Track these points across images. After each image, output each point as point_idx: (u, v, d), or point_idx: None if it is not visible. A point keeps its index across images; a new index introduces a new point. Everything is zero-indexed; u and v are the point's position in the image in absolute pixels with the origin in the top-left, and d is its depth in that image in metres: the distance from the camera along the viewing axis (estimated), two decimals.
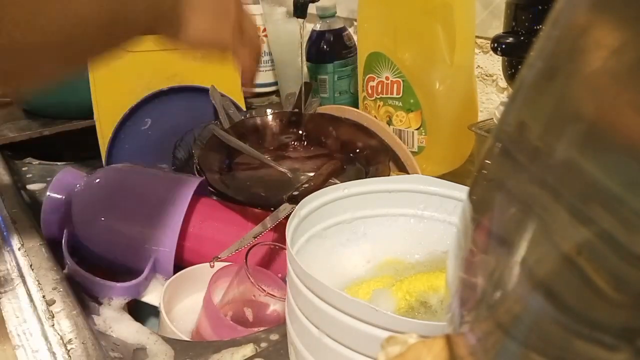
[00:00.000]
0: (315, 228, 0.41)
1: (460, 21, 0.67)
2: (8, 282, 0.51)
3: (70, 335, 0.44)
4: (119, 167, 0.62)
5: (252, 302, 0.49)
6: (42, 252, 0.55)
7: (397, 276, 0.41)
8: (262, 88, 1.06)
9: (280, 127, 0.74)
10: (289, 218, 0.38)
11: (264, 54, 1.04)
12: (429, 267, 0.42)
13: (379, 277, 0.42)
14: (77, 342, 0.43)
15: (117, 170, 0.61)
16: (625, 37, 0.13)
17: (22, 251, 0.55)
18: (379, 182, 0.44)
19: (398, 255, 0.43)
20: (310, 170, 0.67)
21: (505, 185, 0.17)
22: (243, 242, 0.50)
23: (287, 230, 0.37)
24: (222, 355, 0.44)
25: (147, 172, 0.61)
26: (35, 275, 0.51)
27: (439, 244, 0.43)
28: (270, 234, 0.58)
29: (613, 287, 0.13)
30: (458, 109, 0.71)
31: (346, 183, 0.43)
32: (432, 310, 0.37)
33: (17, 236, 0.57)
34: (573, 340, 0.14)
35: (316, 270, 0.34)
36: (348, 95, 0.88)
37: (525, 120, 0.17)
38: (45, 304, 0.47)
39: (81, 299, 0.50)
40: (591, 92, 0.14)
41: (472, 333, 0.19)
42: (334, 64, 0.85)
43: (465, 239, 0.20)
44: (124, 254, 0.55)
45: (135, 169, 0.61)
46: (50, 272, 0.52)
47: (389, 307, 0.37)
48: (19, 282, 0.51)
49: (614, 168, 0.13)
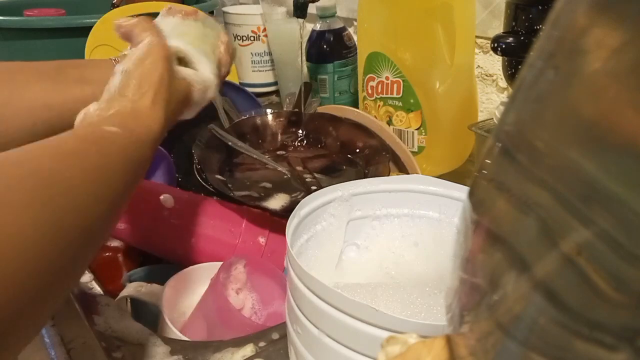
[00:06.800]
0: (315, 228, 0.41)
1: (460, 21, 0.67)
2: None
3: (70, 335, 0.44)
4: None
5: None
6: None
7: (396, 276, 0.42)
8: (262, 88, 1.06)
9: (280, 127, 0.74)
10: (289, 218, 0.38)
11: (264, 53, 1.04)
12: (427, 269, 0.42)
13: (378, 277, 0.42)
14: (77, 342, 0.43)
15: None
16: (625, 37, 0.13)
17: None
18: (378, 182, 0.44)
19: (398, 256, 0.43)
20: (310, 170, 0.67)
21: (505, 185, 0.17)
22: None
23: (287, 230, 0.37)
24: (222, 355, 0.44)
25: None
26: None
27: (439, 244, 0.43)
28: (270, 234, 0.58)
29: (613, 287, 0.13)
30: (458, 109, 0.71)
31: (346, 183, 0.43)
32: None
33: None
34: (573, 340, 0.14)
35: (316, 270, 0.34)
36: (348, 95, 0.88)
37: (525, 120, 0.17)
38: None
39: (81, 299, 0.50)
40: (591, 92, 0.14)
41: (472, 333, 0.19)
42: (334, 64, 0.85)
43: (465, 239, 0.20)
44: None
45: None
46: None
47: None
48: None
49: (614, 168, 0.13)
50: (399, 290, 0.37)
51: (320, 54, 0.86)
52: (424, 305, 0.36)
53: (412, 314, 0.35)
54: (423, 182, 0.43)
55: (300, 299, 0.34)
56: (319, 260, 0.41)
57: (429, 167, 0.72)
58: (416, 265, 0.42)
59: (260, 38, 1.03)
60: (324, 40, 0.85)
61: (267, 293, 0.53)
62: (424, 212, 0.44)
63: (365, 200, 0.43)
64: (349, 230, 0.43)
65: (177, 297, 0.54)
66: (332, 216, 0.42)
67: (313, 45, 0.86)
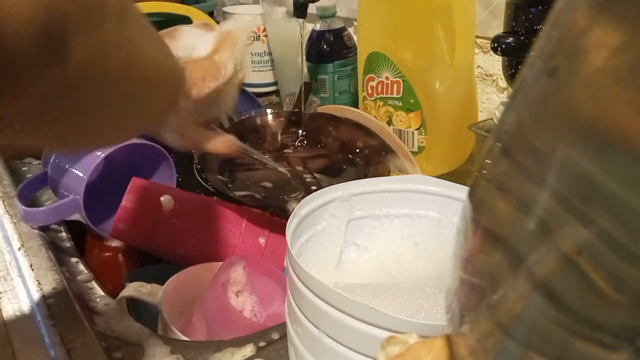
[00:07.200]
0: (315, 228, 0.41)
1: (460, 21, 0.67)
2: (8, 282, 0.51)
3: (70, 335, 0.44)
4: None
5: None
6: (42, 252, 0.55)
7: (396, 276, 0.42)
8: (262, 88, 1.06)
9: (280, 127, 0.74)
10: (289, 218, 0.38)
11: (264, 53, 1.04)
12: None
13: (378, 277, 0.42)
14: (77, 342, 0.43)
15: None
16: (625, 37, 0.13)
17: (22, 251, 0.55)
18: (378, 182, 0.44)
19: (398, 256, 0.43)
20: (310, 171, 0.67)
21: (505, 185, 0.17)
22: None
23: (287, 230, 0.37)
24: (222, 355, 0.44)
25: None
26: (35, 275, 0.51)
27: (439, 244, 0.43)
28: (270, 234, 0.58)
29: (613, 287, 0.13)
30: (458, 109, 0.71)
31: (346, 183, 0.43)
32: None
33: (17, 236, 0.57)
34: (573, 340, 0.14)
35: (316, 270, 0.34)
36: (348, 95, 0.88)
37: (525, 120, 0.17)
38: (45, 304, 0.47)
39: (81, 299, 0.50)
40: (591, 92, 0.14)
41: (472, 333, 0.19)
42: (334, 64, 0.85)
43: (465, 239, 0.20)
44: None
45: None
46: (50, 272, 0.52)
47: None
48: (19, 282, 0.51)
49: (614, 168, 0.13)
50: (399, 290, 0.37)
51: (320, 54, 0.86)
52: (424, 305, 0.36)
53: (412, 314, 0.35)
54: (423, 182, 0.43)
55: (300, 299, 0.34)
56: (319, 260, 0.41)
57: (429, 167, 0.72)
58: (416, 265, 0.42)
59: (260, 38, 1.03)
60: (324, 40, 0.85)
61: (267, 293, 0.53)
62: (424, 212, 0.43)
63: (365, 200, 0.43)
64: (349, 230, 0.43)
65: (177, 297, 0.54)
66: (332, 216, 0.42)
67: (313, 45, 0.86)
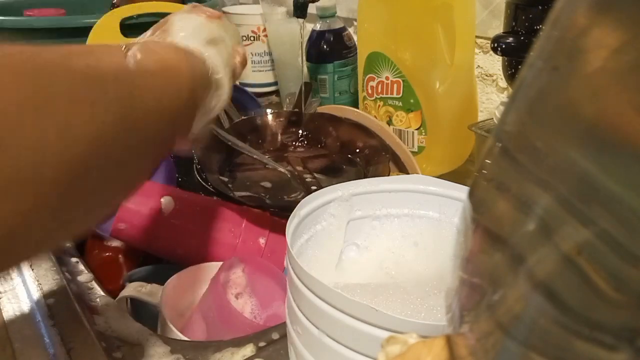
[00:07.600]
0: (315, 228, 0.41)
1: (460, 21, 0.67)
2: (8, 282, 0.51)
3: (70, 335, 0.44)
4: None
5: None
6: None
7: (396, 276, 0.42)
8: (262, 88, 1.06)
9: (280, 127, 0.74)
10: (289, 218, 0.38)
11: (264, 53, 1.04)
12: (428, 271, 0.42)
13: (378, 277, 0.42)
14: (77, 342, 0.43)
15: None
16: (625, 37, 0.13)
17: None
18: (378, 182, 0.44)
19: (398, 256, 0.43)
20: (310, 170, 0.67)
21: (505, 185, 0.17)
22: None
23: (287, 230, 0.37)
24: (222, 355, 0.44)
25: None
26: (35, 275, 0.51)
27: (439, 244, 0.43)
28: (270, 234, 0.58)
29: (613, 287, 0.13)
30: (458, 109, 0.71)
31: (346, 183, 0.43)
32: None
33: None
34: (573, 340, 0.14)
35: (316, 270, 0.34)
36: (348, 95, 0.88)
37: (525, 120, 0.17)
38: (45, 304, 0.47)
39: (81, 299, 0.50)
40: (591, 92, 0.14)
41: (472, 333, 0.19)
42: (334, 64, 0.85)
43: (465, 239, 0.20)
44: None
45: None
46: (50, 272, 0.52)
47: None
48: (19, 282, 0.51)
49: (614, 168, 0.13)
50: (399, 290, 0.37)
51: (320, 54, 0.86)
52: (424, 305, 0.36)
53: (412, 314, 0.35)
54: (423, 182, 0.43)
55: (300, 299, 0.34)
56: (319, 260, 0.41)
57: (429, 167, 0.72)
58: (416, 265, 0.42)
59: (260, 38, 1.03)
60: (324, 40, 0.85)
61: (267, 294, 0.53)
62: (424, 212, 0.43)
63: (365, 200, 0.43)
64: (349, 230, 0.43)
65: (177, 297, 0.54)
66: (332, 216, 0.42)
67: (313, 45, 0.86)
